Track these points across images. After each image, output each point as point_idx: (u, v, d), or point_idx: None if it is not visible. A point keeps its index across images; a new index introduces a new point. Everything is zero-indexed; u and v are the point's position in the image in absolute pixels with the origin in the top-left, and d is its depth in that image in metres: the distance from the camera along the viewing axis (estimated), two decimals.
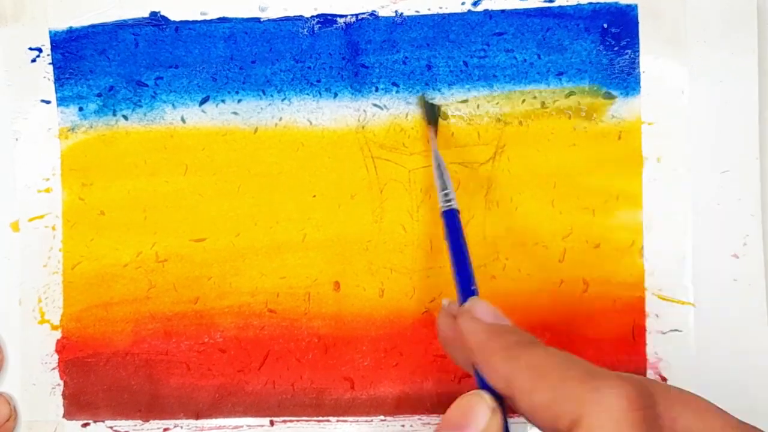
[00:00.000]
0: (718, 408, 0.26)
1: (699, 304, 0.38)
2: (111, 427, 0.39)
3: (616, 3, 0.38)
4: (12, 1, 0.39)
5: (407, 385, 0.39)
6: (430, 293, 0.39)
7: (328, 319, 0.39)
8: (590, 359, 0.37)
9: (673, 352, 0.38)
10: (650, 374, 0.38)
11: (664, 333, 0.38)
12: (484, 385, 0.27)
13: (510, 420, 0.27)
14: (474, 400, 0.27)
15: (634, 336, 0.38)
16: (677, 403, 0.25)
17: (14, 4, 0.39)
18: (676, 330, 0.38)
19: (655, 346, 0.38)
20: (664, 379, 0.38)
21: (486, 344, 0.27)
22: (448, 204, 0.34)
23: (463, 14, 0.38)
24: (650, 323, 0.38)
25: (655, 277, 0.38)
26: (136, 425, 0.39)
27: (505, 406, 0.27)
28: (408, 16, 0.38)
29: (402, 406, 0.39)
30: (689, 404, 0.25)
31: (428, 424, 0.39)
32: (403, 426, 0.39)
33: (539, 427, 0.25)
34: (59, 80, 0.39)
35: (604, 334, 0.38)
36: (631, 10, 0.38)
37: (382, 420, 0.39)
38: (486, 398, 0.27)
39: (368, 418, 0.39)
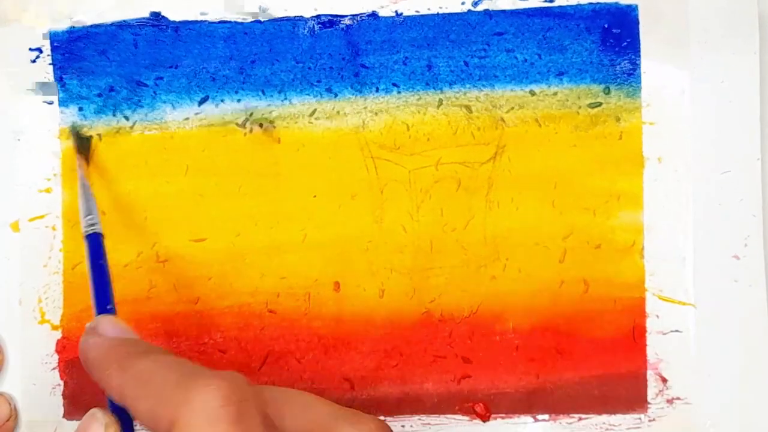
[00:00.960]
0: (321, 399, 0.27)
1: (700, 304, 0.38)
2: None
3: (617, 3, 0.38)
4: (12, 1, 0.39)
5: (407, 386, 0.39)
6: (430, 294, 0.39)
7: (328, 319, 0.39)
8: (590, 360, 0.38)
9: (673, 352, 0.38)
10: (650, 375, 0.38)
11: (664, 334, 0.38)
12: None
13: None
14: (87, 421, 0.28)
15: (635, 336, 0.38)
16: (281, 401, 0.26)
17: (14, 5, 0.39)
18: (676, 331, 0.38)
19: (655, 347, 0.38)
20: (664, 380, 0.38)
21: (103, 358, 0.28)
22: (92, 228, 0.35)
23: (463, 14, 0.38)
24: (651, 324, 0.38)
25: (656, 278, 0.38)
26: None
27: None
28: (408, 16, 0.38)
29: (402, 406, 0.39)
30: (293, 400, 0.26)
31: (428, 424, 0.39)
32: (403, 426, 0.39)
33: None
34: (59, 81, 0.39)
35: (605, 335, 0.38)
36: (632, 10, 0.38)
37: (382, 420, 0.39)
38: (98, 416, 0.27)
39: None
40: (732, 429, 0.37)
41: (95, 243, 0.35)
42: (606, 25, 0.38)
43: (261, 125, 0.39)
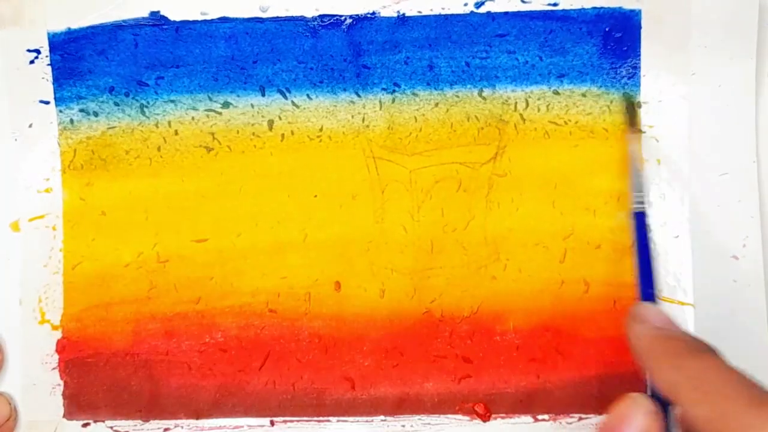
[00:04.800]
0: None
1: (699, 305, 0.38)
2: (111, 427, 0.39)
3: (620, 8, 0.38)
4: (10, 3, 0.39)
5: (408, 386, 0.39)
6: (430, 294, 0.39)
7: (329, 319, 0.39)
8: (590, 360, 0.38)
9: None
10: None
11: None
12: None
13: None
14: (630, 405, 0.28)
15: None
16: None
17: (12, 7, 0.39)
18: None
19: None
20: None
21: (653, 348, 0.28)
22: (640, 206, 0.36)
23: (465, 15, 0.38)
24: None
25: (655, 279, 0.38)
26: (136, 425, 0.39)
27: (671, 411, 0.28)
28: (410, 17, 0.38)
29: (402, 406, 0.39)
30: None
31: (429, 424, 0.39)
32: (403, 426, 0.39)
33: None
34: (58, 81, 0.39)
35: (605, 335, 0.38)
36: (635, 15, 0.38)
37: (382, 420, 0.39)
38: (642, 402, 0.28)
39: (369, 419, 0.39)
40: None
41: (641, 222, 0.36)
42: (608, 29, 0.38)
43: (264, 125, 0.39)
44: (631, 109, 0.38)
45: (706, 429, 0.25)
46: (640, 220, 0.36)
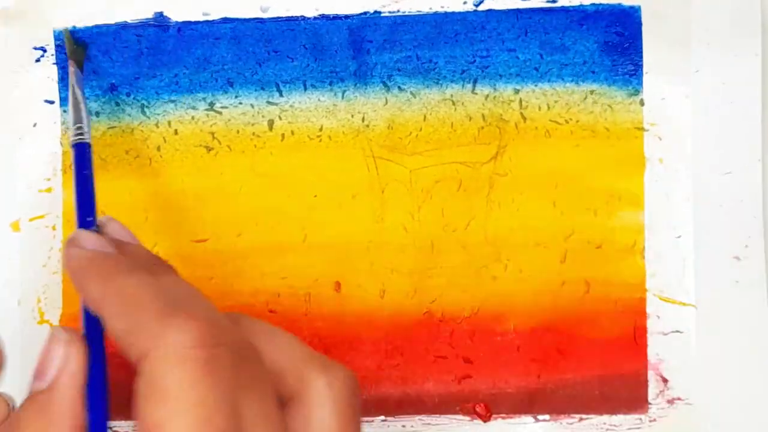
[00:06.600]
0: (301, 342, 0.27)
1: (700, 305, 0.38)
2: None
3: (620, 4, 0.38)
4: (16, 1, 0.39)
5: (408, 386, 0.39)
6: (431, 294, 0.39)
7: (329, 319, 0.39)
8: (591, 360, 0.38)
9: (674, 353, 0.38)
10: (651, 375, 0.38)
11: (665, 334, 0.38)
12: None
13: None
14: (49, 339, 0.27)
15: (636, 337, 0.38)
16: (262, 337, 0.26)
17: (19, 5, 0.39)
18: (677, 331, 0.38)
19: (656, 347, 0.38)
20: (665, 380, 0.38)
21: (84, 269, 0.28)
22: (80, 137, 0.34)
23: (464, 13, 0.38)
24: (651, 324, 0.38)
25: (657, 279, 0.38)
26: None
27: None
28: (410, 16, 0.38)
29: (403, 406, 0.39)
30: (274, 338, 0.26)
31: (429, 424, 0.38)
32: (404, 426, 0.39)
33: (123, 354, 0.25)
34: (63, 80, 0.39)
35: (606, 335, 0.38)
36: (635, 11, 0.38)
37: (383, 420, 0.39)
38: (59, 334, 0.27)
39: (369, 419, 0.39)
40: (732, 429, 0.37)
41: (81, 153, 0.34)
42: (608, 26, 0.38)
43: (264, 125, 0.39)
44: (70, 41, 0.38)
45: (122, 342, 0.25)
46: (80, 150, 0.34)
